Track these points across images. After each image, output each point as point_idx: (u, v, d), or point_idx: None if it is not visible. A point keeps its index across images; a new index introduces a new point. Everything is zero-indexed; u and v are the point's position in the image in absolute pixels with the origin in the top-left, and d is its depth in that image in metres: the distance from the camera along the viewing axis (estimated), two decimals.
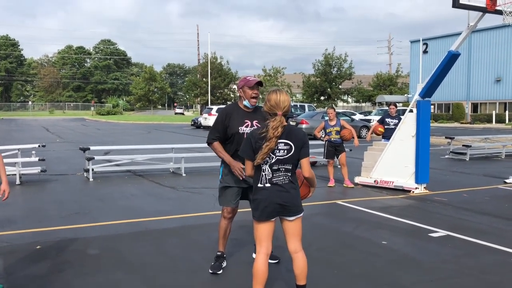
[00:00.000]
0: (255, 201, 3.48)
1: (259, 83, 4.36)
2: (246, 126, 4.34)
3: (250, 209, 4.61)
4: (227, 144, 4.44)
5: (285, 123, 3.41)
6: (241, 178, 4.27)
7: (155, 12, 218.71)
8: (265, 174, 3.42)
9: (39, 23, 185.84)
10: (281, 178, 3.42)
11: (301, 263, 3.52)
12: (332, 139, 9.44)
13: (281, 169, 3.41)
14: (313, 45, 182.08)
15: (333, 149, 9.50)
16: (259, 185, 3.44)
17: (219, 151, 4.43)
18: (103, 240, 5.51)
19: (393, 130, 9.55)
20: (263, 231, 3.46)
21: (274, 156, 3.39)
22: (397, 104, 11.14)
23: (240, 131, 4.33)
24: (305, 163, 3.46)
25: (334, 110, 9.52)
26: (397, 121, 10.02)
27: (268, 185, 3.42)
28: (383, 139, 10.41)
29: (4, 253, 5.01)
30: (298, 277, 3.54)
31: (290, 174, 3.45)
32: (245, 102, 4.38)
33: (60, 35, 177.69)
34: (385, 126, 10.34)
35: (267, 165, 3.40)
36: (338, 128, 9.39)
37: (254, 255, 4.70)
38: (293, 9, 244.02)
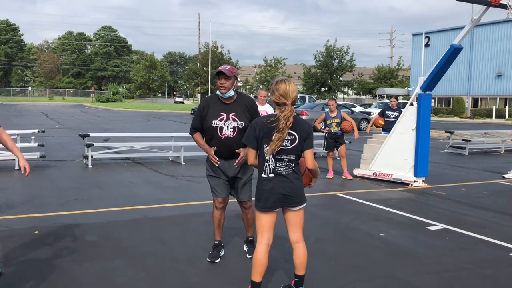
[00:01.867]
0: (258, 191, 3.46)
1: (221, 73, 4.24)
2: (221, 120, 4.28)
3: None
4: (205, 135, 4.44)
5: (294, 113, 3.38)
6: (216, 165, 4.31)
7: (155, 0, 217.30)
8: (269, 165, 3.40)
9: (39, 8, 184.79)
10: (284, 168, 3.40)
11: (301, 254, 3.52)
12: (332, 131, 9.42)
13: (284, 159, 3.39)
14: (314, 37, 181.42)
15: (333, 141, 9.50)
16: (263, 175, 3.43)
17: (197, 142, 4.50)
18: (101, 227, 5.52)
19: (393, 123, 9.55)
20: (266, 221, 3.46)
21: None
22: (398, 97, 11.13)
23: (213, 125, 4.28)
24: (308, 154, 3.44)
25: (335, 102, 9.50)
26: (397, 114, 10.03)
27: (271, 175, 3.40)
28: (383, 132, 10.41)
29: (3, 237, 5.02)
30: (298, 267, 3.55)
31: (293, 165, 3.43)
32: (218, 92, 4.34)
33: (60, 20, 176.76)
34: (385, 119, 10.34)
35: (270, 155, 3.39)
36: (338, 120, 9.37)
37: (244, 248, 4.73)
38: (293, 0, 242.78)
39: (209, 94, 43.99)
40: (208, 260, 4.47)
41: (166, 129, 21.25)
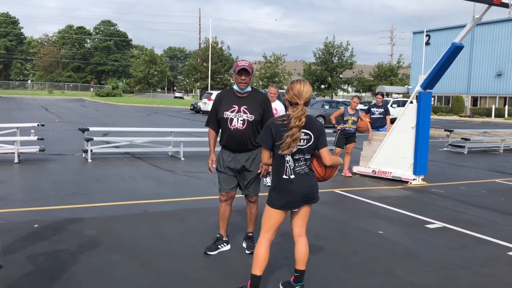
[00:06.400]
0: (278, 191, 3.44)
1: (244, 70, 4.29)
2: (232, 111, 4.37)
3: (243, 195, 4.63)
4: (220, 129, 4.52)
5: (307, 113, 3.39)
6: (210, 172, 4.60)
7: None
8: (289, 165, 3.41)
9: (39, 1, 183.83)
10: (302, 167, 3.44)
11: (303, 248, 3.55)
12: (346, 128, 9.44)
13: (301, 159, 3.43)
14: (312, 34, 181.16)
15: (344, 140, 9.54)
16: (284, 176, 3.42)
17: (209, 138, 4.61)
18: (100, 221, 5.52)
19: (378, 119, 10.21)
20: (277, 220, 3.47)
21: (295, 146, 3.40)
22: (383, 94, 11.42)
23: (224, 115, 4.40)
24: (324, 153, 3.46)
25: (359, 100, 9.66)
26: (382, 110, 10.54)
27: (292, 176, 3.41)
28: None
29: (2, 230, 5.02)
30: (299, 261, 3.57)
31: (308, 163, 3.48)
32: (235, 86, 4.46)
33: (60, 14, 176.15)
34: (371, 116, 10.57)
35: (290, 155, 3.40)
36: (355, 118, 9.42)
37: (244, 244, 4.74)
38: None
39: (208, 89, 44.05)
40: (203, 251, 4.51)
41: (166, 124, 21.23)
